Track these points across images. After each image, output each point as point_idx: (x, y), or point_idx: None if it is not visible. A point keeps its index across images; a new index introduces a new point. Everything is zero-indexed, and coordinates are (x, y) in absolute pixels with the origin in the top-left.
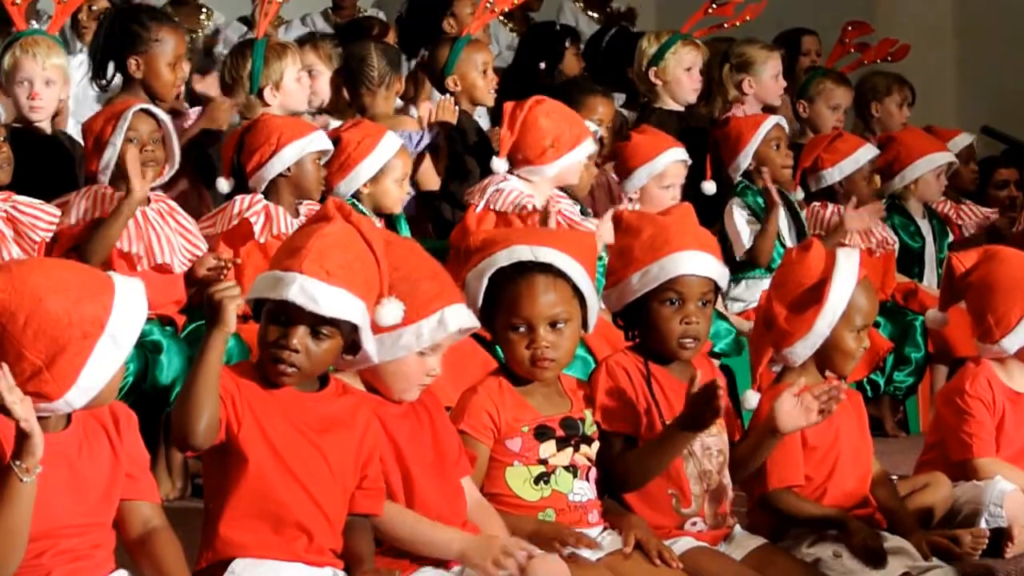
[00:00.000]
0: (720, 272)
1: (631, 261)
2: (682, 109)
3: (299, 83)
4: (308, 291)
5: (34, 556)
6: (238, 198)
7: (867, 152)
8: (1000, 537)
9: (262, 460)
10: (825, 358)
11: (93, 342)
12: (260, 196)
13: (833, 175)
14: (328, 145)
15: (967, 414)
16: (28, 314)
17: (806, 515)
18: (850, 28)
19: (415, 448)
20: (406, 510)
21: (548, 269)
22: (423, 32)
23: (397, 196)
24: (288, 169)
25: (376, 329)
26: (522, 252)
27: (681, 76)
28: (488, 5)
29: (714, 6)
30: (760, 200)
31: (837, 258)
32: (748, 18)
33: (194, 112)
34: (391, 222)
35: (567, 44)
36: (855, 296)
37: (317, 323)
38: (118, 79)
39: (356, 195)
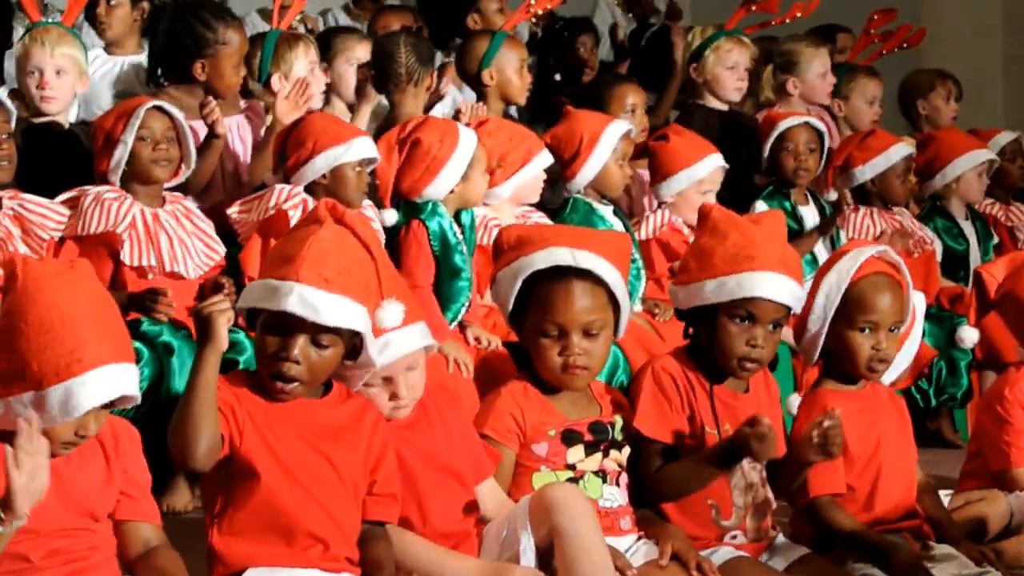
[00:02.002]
0: (797, 297)
1: (709, 267)
2: (725, 108)
3: (312, 75)
4: (308, 300)
5: (22, 555)
6: (278, 187)
7: (901, 149)
8: None
9: (268, 472)
10: (841, 362)
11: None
12: (300, 189)
13: (865, 173)
14: (372, 153)
15: (1006, 422)
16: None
17: (844, 529)
18: (875, 17)
19: (422, 457)
20: (418, 538)
21: (586, 274)
22: (447, 26)
23: (484, 188)
24: (323, 176)
25: (377, 332)
26: (561, 255)
27: (721, 73)
28: (531, 4)
29: (759, 3)
30: (787, 204)
31: (844, 255)
32: (799, 15)
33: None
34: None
35: (575, 37)
36: (858, 291)
37: (318, 332)
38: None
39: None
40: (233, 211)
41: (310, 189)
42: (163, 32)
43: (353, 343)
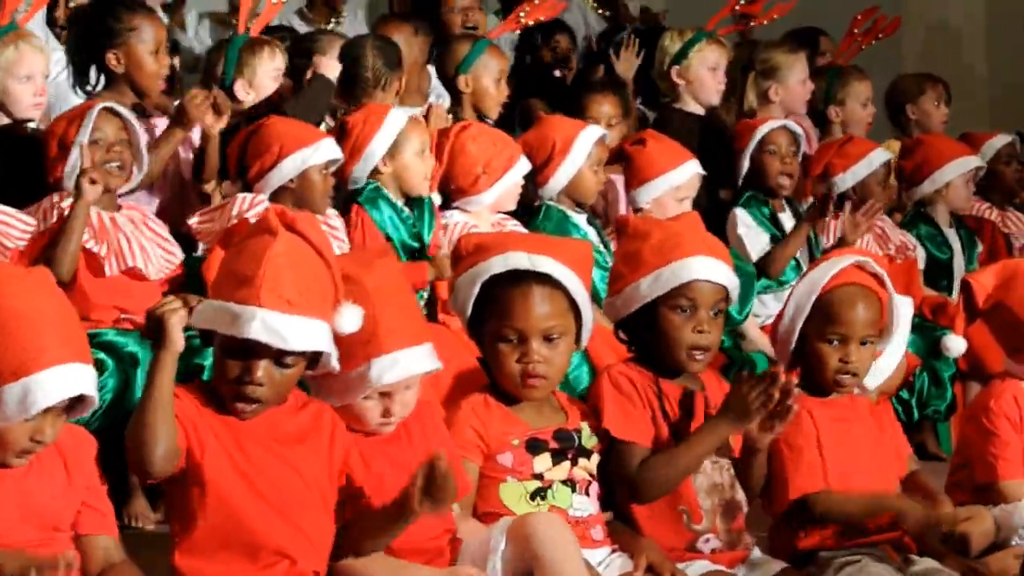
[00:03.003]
0: (733, 281)
1: (640, 265)
2: (703, 112)
3: (277, 81)
4: (271, 327)
5: None
6: (240, 196)
7: (881, 155)
8: None
9: (231, 487)
10: (810, 372)
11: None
12: (263, 197)
13: (846, 181)
14: (337, 154)
15: (992, 434)
16: None
17: (852, 511)
18: (859, 17)
19: (399, 471)
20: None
21: (545, 279)
22: None
23: (421, 171)
24: (291, 180)
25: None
26: (519, 259)
27: (705, 76)
28: (522, 16)
29: (742, 2)
30: (766, 210)
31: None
32: (776, 16)
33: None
34: (419, 209)
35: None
36: (827, 302)
37: (281, 354)
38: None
39: (379, 182)
40: (194, 221)
41: (276, 196)
42: (74, 32)
43: (315, 354)
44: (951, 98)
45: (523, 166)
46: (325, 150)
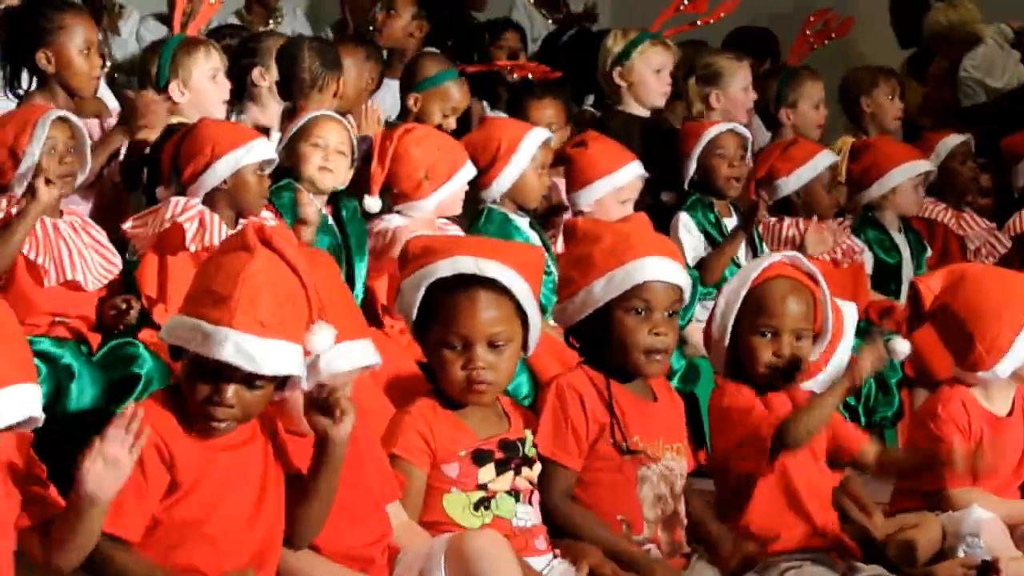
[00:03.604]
0: (686, 280)
1: (591, 268)
2: (647, 114)
3: (214, 82)
4: (244, 350)
5: None
6: (173, 200)
7: (826, 158)
8: (986, 570)
9: (204, 503)
10: (741, 365)
11: None
12: (197, 201)
13: (789, 184)
14: (270, 154)
15: (939, 440)
16: None
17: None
18: (811, 18)
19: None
20: (318, 558)
21: (491, 284)
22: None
23: (317, 164)
24: (224, 181)
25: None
26: (466, 264)
27: (648, 78)
28: (508, 69)
29: (686, 2)
30: (710, 215)
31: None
32: (722, 15)
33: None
34: (340, 218)
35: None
36: (758, 295)
37: (252, 377)
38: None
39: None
40: (127, 226)
41: (210, 198)
42: (5, 33)
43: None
44: (904, 91)
45: (468, 172)
46: (258, 150)
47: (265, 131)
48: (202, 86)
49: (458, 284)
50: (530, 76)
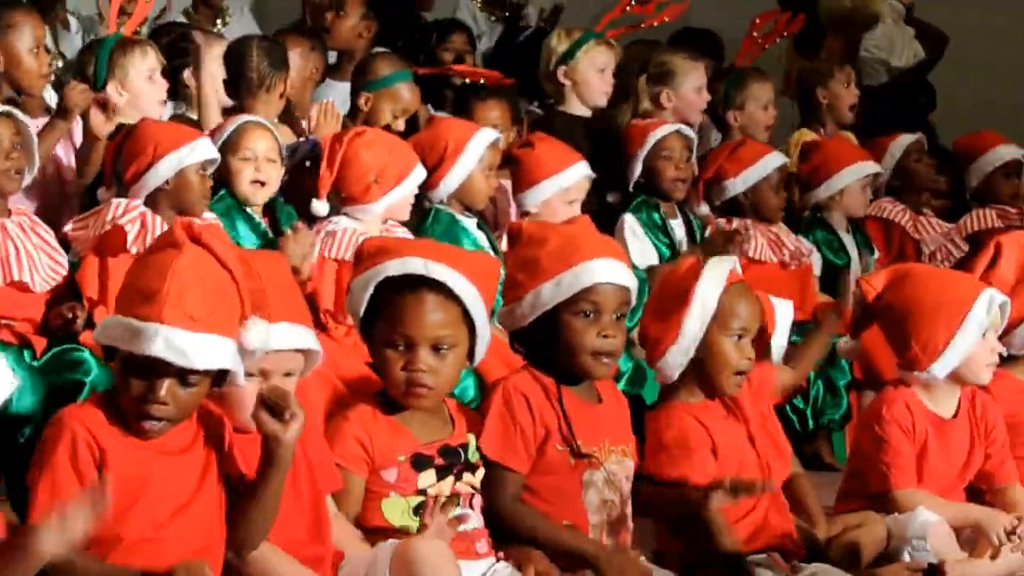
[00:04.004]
0: (634, 283)
1: (539, 272)
2: (589, 114)
3: (151, 82)
4: (175, 345)
5: None
6: (114, 202)
7: (774, 159)
8: (932, 573)
9: (133, 507)
10: (704, 373)
11: None
12: (138, 202)
13: (736, 186)
14: (213, 154)
15: (884, 442)
16: None
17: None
18: (757, 20)
19: None
20: (284, 556)
21: (440, 288)
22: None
23: (234, 169)
24: (167, 182)
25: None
26: (415, 264)
27: (592, 77)
28: (460, 74)
29: (632, 3)
30: (656, 216)
31: (707, 264)
32: (667, 19)
33: None
34: (276, 225)
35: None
36: (728, 298)
37: (185, 372)
38: None
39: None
40: (69, 227)
41: (152, 199)
42: None
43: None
44: (861, 80)
45: (418, 176)
46: (201, 150)
47: None
48: (139, 86)
49: (406, 285)
50: (482, 81)
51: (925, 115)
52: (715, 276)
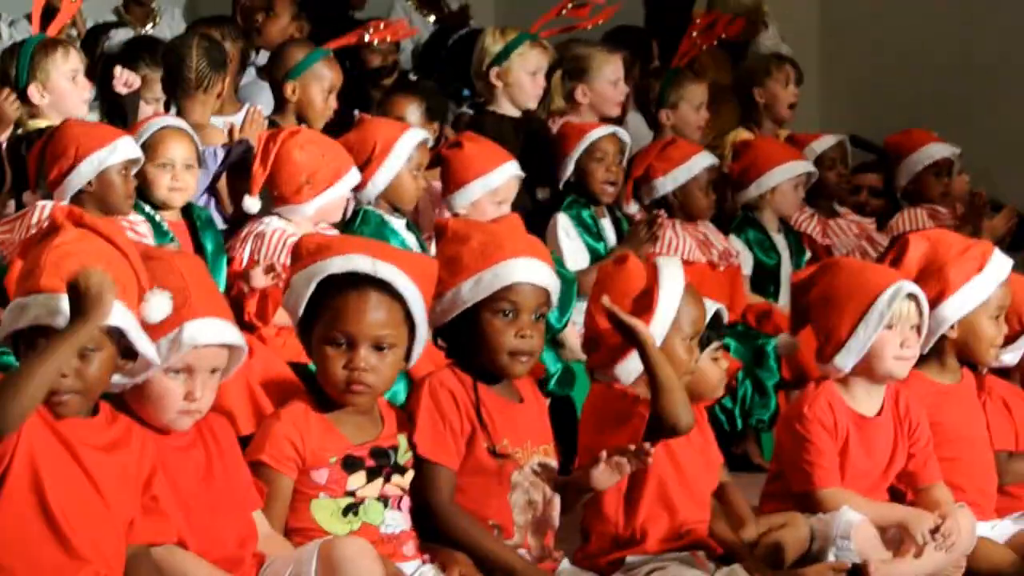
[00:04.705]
0: (555, 283)
1: (460, 269)
2: (519, 114)
3: (73, 83)
4: (55, 308)
5: None
6: (39, 204)
7: (703, 159)
8: (856, 573)
9: (33, 483)
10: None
11: None
12: (64, 204)
13: (665, 185)
14: (136, 153)
15: (806, 440)
16: None
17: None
18: (698, 20)
19: (198, 482)
20: (199, 560)
21: (384, 287)
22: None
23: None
24: (89, 183)
25: (148, 329)
26: (362, 262)
27: (524, 79)
28: (368, 35)
29: (570, 6)
30: (587, 215)
31: (658, 265)
32: (600, 21)
33: None
34: (194, 225)
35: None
36: (681, 301)
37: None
38: None
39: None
40: None
41: (77, 200)
42: None
43: (123, 343)
44: (802, 78)
45: (351, 179)
46: (123, 150)
47: None
48: (61, 87)
49: (349, 282)
50: (388, 39)
51: None
52: (673, 280)
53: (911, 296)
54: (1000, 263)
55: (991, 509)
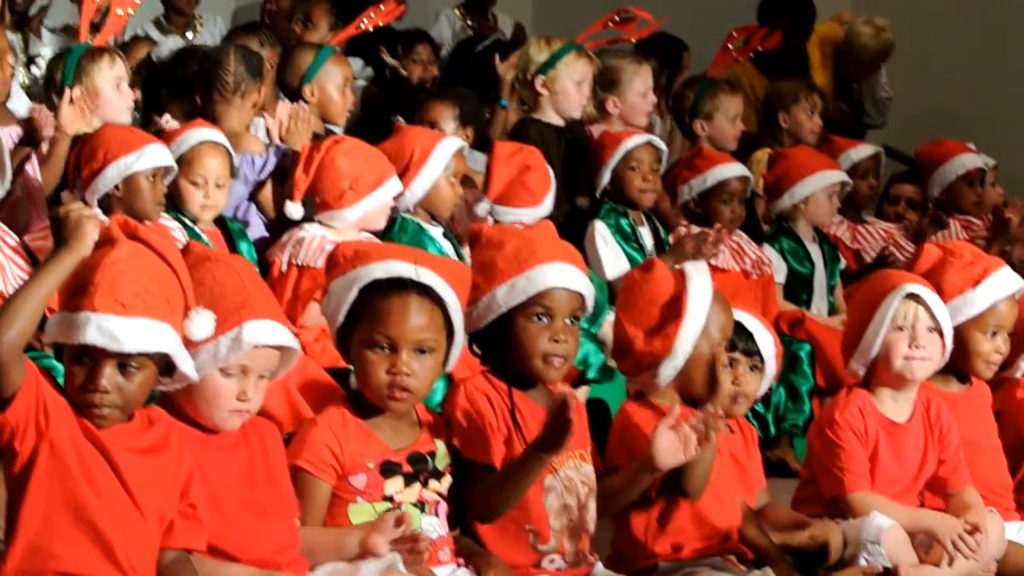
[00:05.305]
0: (588, 288)
1: (495, 275)
2: (562, 123)
3: (117, 90)
4: (106, 330)
5: None
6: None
7: (726, 170)
8: None
9: (73, 473)
10: (686, 381)
11: None
12: (96, 211)
13: (685, 192)
14: (166, 161)
15: (837, 446)
16: None
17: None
18: (734, 34)
19: (238, 483)
20: (236, 567)
21: (426, 292)
22: None
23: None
24: (116, 187)
25: (189, 344)
26: (404, 268)
27: (570, 88)
28: (364, 23)
29: (616, 20)
30: (625, 223)
31: (686, 271)
32: (646, 35)
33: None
34: (230, 235)
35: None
36: (711, 308)
37: (123, 359)
38: None
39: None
40: (29, 238)
41: (106, 204)
42: None
43: (165, 360)
44: (828, 108)
45: (393, 186)
46: (151, 156)
47: None
48: (105, 94)
49: (391, 287)
50: (381, 23)
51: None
52: (702, 286)
53: (916, 298)
54: (1002, 281)
55: (1005, 512)
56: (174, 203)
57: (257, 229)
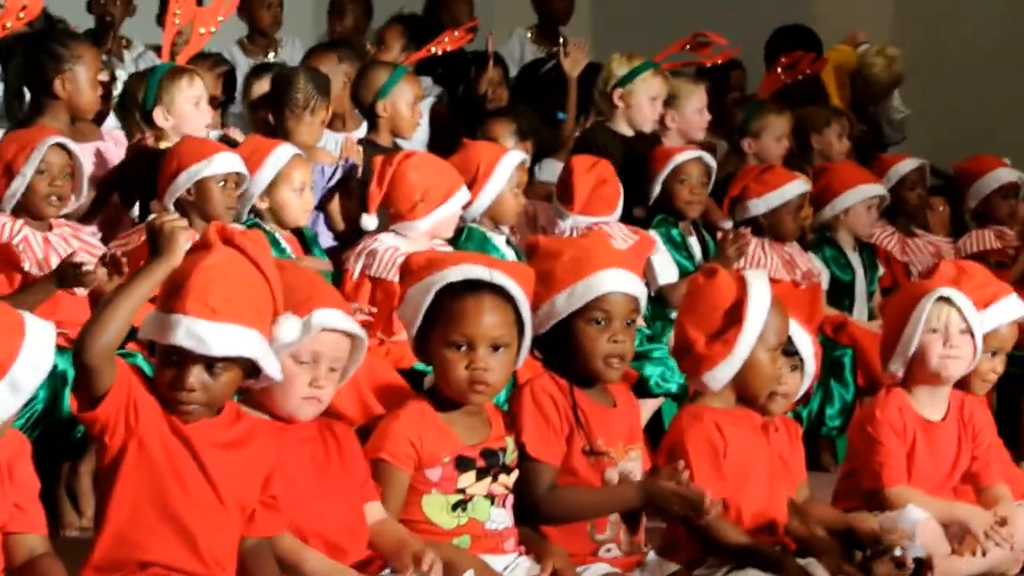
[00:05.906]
0: (643, 291)
1: (554, 283)
2: (631, 134)
3: (196, 108)
4: (194, 333)
5: None
6: (151, 217)
7: (796, 187)
8: (920, 568)
9: (161, 467)
10: (743, 383)
11: None
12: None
13: (758, 207)
14: (236, 167)
15: (877, 442)
16: None
17: (733, 543)
18: (783, 59)
19: (315, 474)
20: (316, 553)
21: (497, 291)
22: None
23: (298, 207)
24: (188, 192)
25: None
26: (478, 270)
27: (644, 103)
28: (434, 49)
29: (690, 47)
30: (676, 233)
31: (747, 279)
32: (720, 62)
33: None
34: (305, 242)
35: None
36: (769, 315)
37: (210, 360)
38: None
39: (259, 215)
40: (112, 246)
41: (181, 210)
42: (18, 60)
43: (252, 362)
44: (855, 132)
45: (462, 197)
46: (219, 163)
47: None
48: (184, 111)
49: (466, 289)
50: (449, 49)
51: None
52: (762, 294)
53: (948, 301)
54: (1009, 307)
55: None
56: (273, 215)
57: (325, 239)
